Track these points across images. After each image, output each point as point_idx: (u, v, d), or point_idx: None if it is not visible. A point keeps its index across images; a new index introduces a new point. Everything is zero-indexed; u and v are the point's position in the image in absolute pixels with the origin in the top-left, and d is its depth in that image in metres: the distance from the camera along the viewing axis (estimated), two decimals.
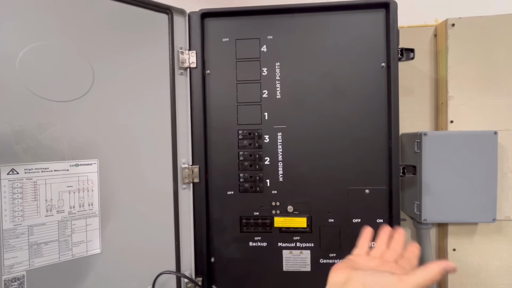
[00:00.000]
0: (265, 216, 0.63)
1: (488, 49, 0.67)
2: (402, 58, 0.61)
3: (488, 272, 0.68)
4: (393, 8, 0.58)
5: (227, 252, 0.63)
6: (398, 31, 0.59)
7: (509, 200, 0.67)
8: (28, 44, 0.48)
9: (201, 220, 0.63)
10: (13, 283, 0.46)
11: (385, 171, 0.60)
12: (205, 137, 0.63)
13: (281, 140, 0.62)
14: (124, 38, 0.57)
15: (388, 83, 0.59)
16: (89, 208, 0.53)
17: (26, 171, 0.48)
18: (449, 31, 0.68)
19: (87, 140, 0.53)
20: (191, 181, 0.63)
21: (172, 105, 0.62)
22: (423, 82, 0.73)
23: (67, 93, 0.51)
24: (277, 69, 0.62)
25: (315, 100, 0.61)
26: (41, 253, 0.49)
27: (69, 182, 0.52)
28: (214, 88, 0.63)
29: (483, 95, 0.68)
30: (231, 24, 0.63)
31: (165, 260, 0.61)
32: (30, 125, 0.48)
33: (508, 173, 0.67)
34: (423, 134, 0.63)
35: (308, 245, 0.62)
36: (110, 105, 0.55)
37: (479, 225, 0.68)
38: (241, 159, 0.62)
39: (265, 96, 0.62)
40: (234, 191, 0.63)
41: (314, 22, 0.61)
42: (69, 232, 0.52)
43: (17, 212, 0.47)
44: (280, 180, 0.62)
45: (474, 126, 0.68)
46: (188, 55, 0.63)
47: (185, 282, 0.63)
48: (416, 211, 0.65)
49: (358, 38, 0.60)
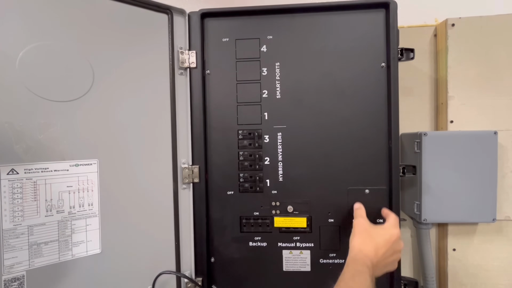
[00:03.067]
0: (265, 216, 0.63)
1: (488, 49, 0.67)
2: (402, 58, 0.61)
3: (488, 272, 0.68)
4: (393, 8, 0.58)
5: (227, 252, 0.63)
6: (398, 31, 0.59)
7: (509, 200, 0.67)
8: (28, 44, 0.48)
9: (201, 220, 0.63)
10: (13, 283, 0.46)
11: (385, 171, 0.60)
12: (205, 137, 0.63)
13: (281, 140, 0.62)
14: (124, 38, 0.57)
15: (388, 83, 0.59)
16: (89, 208, 0.53)
17: (26, 171, 0.48)
18: (449, 31, 0.68)
19: (87, 140, 0.53)
20: (191, 181, 0.63)
21: (172, 105, 0.62)
22: (423, 82, 0.73)
23: (67, 93, 0.51)
24: (277, 69, 0.62)
25: (315, 100, 0.61)
26: (41, 253, 0.49)
27: (69, 182, 0.52)
28: (214, 88, 0.63)
29: (483, 95, 0.68)
30: (231, 24, 0.63)
31: (165, 260, 0.61)
32: (30, 125, 0.48)
33: (508, 173, 0.67)
34: (423, 134, 0.63)
35: (308, 245, 0.62)
36: (110, 105, 0.55)
37: (479, 225, 0.68)
38: (241, 159, 0.62)
39: (265, 96, 0.62)
40: (234, 191, 0.63)
41: (314, 22, 0.61)
42: (69, 232, 0.52)
43: (17, 212, 0.47)
44: (280, 180, 0.62)
45: (474, 126, 0.68)
46: (188, 55, 0.63)
47: (185, 282, 0.63)
48: (416, 211, 0.65)
49: (358, 38, 0.60)
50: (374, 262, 0.47)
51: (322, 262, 0.62)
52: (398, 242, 0.51)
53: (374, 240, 0.50)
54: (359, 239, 0.50)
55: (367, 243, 0.49)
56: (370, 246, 0.49)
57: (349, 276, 0.45)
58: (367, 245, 0.49)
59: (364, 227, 0.52)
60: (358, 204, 0.58)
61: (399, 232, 0.52)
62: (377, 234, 0.51)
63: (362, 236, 0.51)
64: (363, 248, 0.49)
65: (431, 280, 0.68)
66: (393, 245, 0.50)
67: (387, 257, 0.49)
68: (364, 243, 0.49)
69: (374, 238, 0.50)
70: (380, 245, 0.49)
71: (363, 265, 0.46)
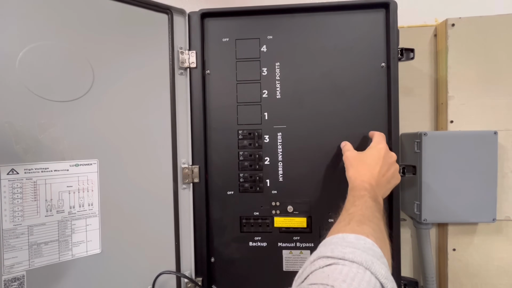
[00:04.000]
0: (265, 216, 0.63)
1: (488, 49, 0.67)
2: (402, 58, 0.61)
3: (488, 272, 0.68)
4: (393, 8, 0.58)
5: (227, 252, 0.63)
6: (398, 31, 0.59)
7: (509, 200, 0.67)
8: (28, 44, 0.48)
9: (201, 220, 0.63)
10: (13, 283, 0.47)
11: None
12: (205, 137, 0.63)
13: (281, 140, 0.62)
14: (124, 38, 0.57)
15: (388, 83, 0.59)
16: (89, 208, 0.53)
17: (26, 171, 0.48)
18: (449, 31, 0.68)
19: (87, 140, 0.53)
20: (191, 181, 0.63)
21: (172, 105, 0.62)
22: (423, 82, 0.73)
23: (67, 93, 0.51)
24: (277, 69, 0.62)
25: (315, 100, 0.61)
26: (41, 253, 0.49)
27: (69, 182, 0.52)
28: (214, 88, 0.63)
29: (483, 95, 0.68)
30: (231, 24, 0.63)
31: (165, 260, 0.61)
32: (30, 125, 0.48)
33: (508, 173, 0.67)
34: (423, 134, 0.63)
35: (308, 245, 0.62)
36: (110, 105, 0.55)
37: (479, 225, 0.68)
38: (241, 159, 0.62)
39: (265, 96, 0.62)
40: (234, 191, 0.63)
41: (314, 22, 0.61)
42: (69, 232, 0.52)
43: (17, 212, 0.47)
44: (280, 180, 0.62)
45: (474, 126, 0.68)
46: (188, 55, 0.63)
47: (185, 282, 0.63)
48: (416, 211, 0.65)
49: (358, 38, 0.60)
50: (373, 183, 0.48)
51: None
52: (389, 154, 0.52)
53: (365, 163, 0.51)
54: (352, 169, 0.51)
55: (360, 169, 0.50)
56: (364, 170, 0.50)
57: (349, 205, 0.45)
58: (360, 171, 0.50)
59: (352, 156, 0.53)
60: (344, 142, 0.59)
61: (386, 146, 0.53)
62: (366, 156, 0.52)
63: (353, 165, 0.52)
64: (357, 176, 0.49)
65: (431, 280, 0.68)
66: (385, 159, 0.51)
67: (384, 172, 0.50)
68: (357, 170, 0.50)
69: (365, 161, 0.51)
70: (372, 165, 0.50)
71: (361, 190, 0.46)
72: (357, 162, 0.52)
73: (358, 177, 0.49)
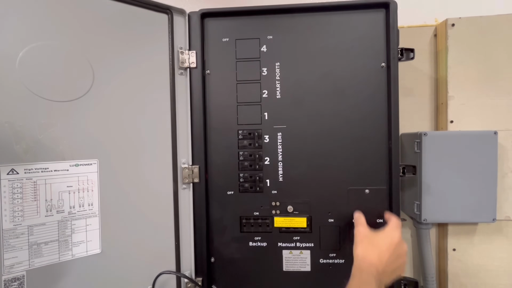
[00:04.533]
0: (265, 216, 0.63)
1: (488, 49, 0.67)
2: (402, 58, 0.61)
3: (488, 272, 0.68)
4: (393, 8, 0.58)
5: (227, 252, 0.63)
6: (398, 31, 0.59)
7: (509, 200, 0.67)
8: (28, 44, 0.48)
9: (201, 220, 0.63)
10: (13, 283, 0.47)
11: (385, 171, 0.60)
12: (205, 137, 0.63)
13: (281, 140, 0.62)
14: (124, 38, 0.57)
15: (388, 83, 0.59)
16: (89, 208, 0.53)
17: (26, 171, 0.48)
18: (449, 31, 0.68)
19: (87, 140, 0.53)
20: (191, 181, 0.63)
21: (172, 105, 0.62)
22: (423, 82, 0.73)
23: (67, 93, 0.51)
24: (277, 69, 0.62)
25: (315, 100, 0.61)
26: (41, 253, 0.49)
27: (69, 182, 0.52)
28: (214, 88, 0.63)
29: (483, 95, 0.68)
30: (231, 24, 0.63)
31: (165, 260, 0.61)
32: (30, 125, 0.48)
33: (508, 173, 0.67)
34: (423, 134, 0.63)
35: (308, 245, 0.62)
36: (110, 105, 0.55)
37: (479, 225, 0.68)
38: (241, 159, 0.62)
39: (265, 96, 0.62)
40: (234, 191, 0.63)
41: (314, 22, 0.61)
42: (69, 232, 0.52)
43: (17, 212, 0.47)
44: (280, 180, 0.62)
45: (474, 126, 0.68)
46: (188, 55, 0.63)
47: (185, 282, 0.63)
48: (416, 211, 0.65)
49: (358, 38, 0.60)
50: (380, 269, 0.47)
51: (322, 262, 0.62)
52: (401, 245, 0.51)
53: (376, 246, 0.50)
54: (361, 247, 0.50)
55: (370, 249, 0.49)
56: (373, 252, 0.49)
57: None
58: (370, 252, 0.49)
59: (364, 234, 0.53)
60: (358, 213, 0.58)
61: (400, 235, 0.52)
62: (379, 239, 0.51)
63: (364, 243, 0.51)
64: (366, 256, 0.49)
65: (431, 280, 0.68)
66: (396, 249, 0.50)
67: (392, 261, 0.49)
68: (367, 250, 0.49)
69: (376, 244, 0.50)
70: (383, 250, 0.49)
71: (368, 275, 0.46)
72: (368, 241, 0.51)
73: (366, 257, 0.48)
